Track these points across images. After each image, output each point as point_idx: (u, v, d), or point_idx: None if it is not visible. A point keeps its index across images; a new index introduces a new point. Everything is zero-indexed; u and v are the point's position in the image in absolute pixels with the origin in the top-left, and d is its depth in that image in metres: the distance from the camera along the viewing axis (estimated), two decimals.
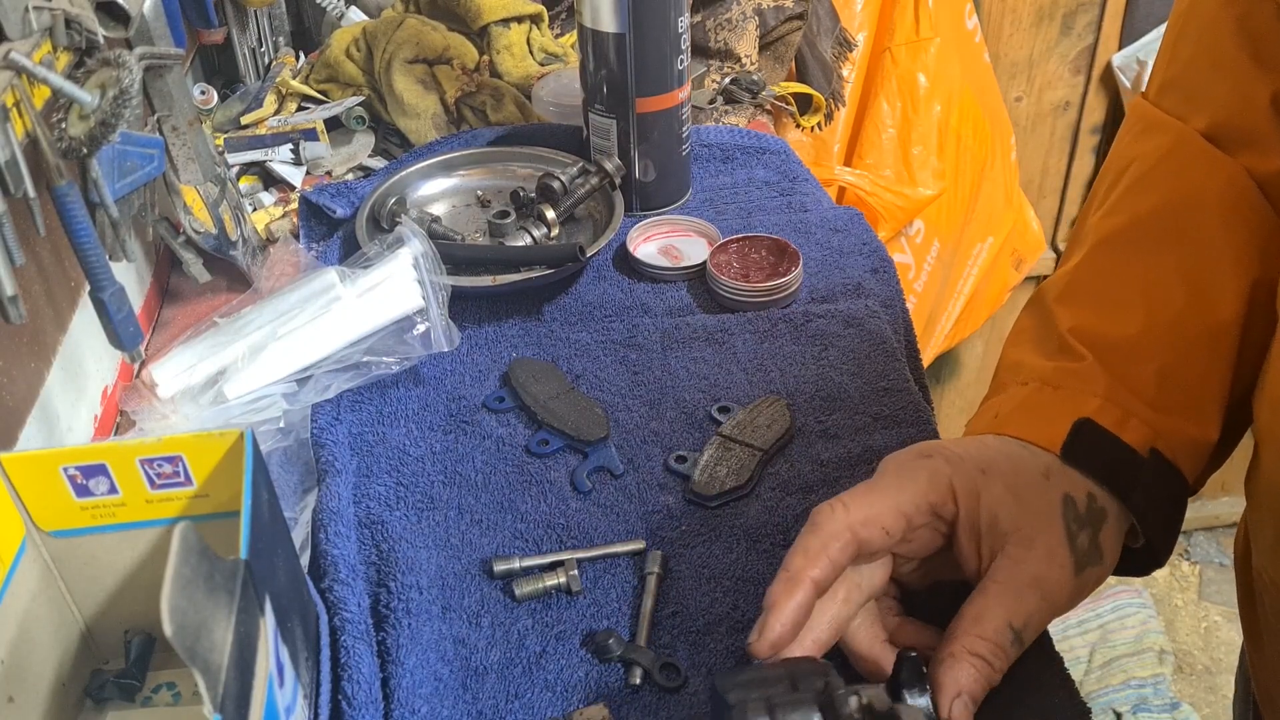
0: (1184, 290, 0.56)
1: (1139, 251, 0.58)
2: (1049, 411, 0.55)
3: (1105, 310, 0.58)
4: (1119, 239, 0.59)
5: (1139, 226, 0.59)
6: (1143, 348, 0.55)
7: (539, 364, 0.79)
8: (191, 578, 0.41)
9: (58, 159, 0.60)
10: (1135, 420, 0.54)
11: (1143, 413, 0.54)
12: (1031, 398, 0.56)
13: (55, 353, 0.74)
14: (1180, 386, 0.55)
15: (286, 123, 1.08)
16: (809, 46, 1.34)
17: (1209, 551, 2.40)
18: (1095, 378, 0.55)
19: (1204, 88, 0.60)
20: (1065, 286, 0.60)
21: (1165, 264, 0.57)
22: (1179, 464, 0.54)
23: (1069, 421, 0.53)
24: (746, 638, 0.59)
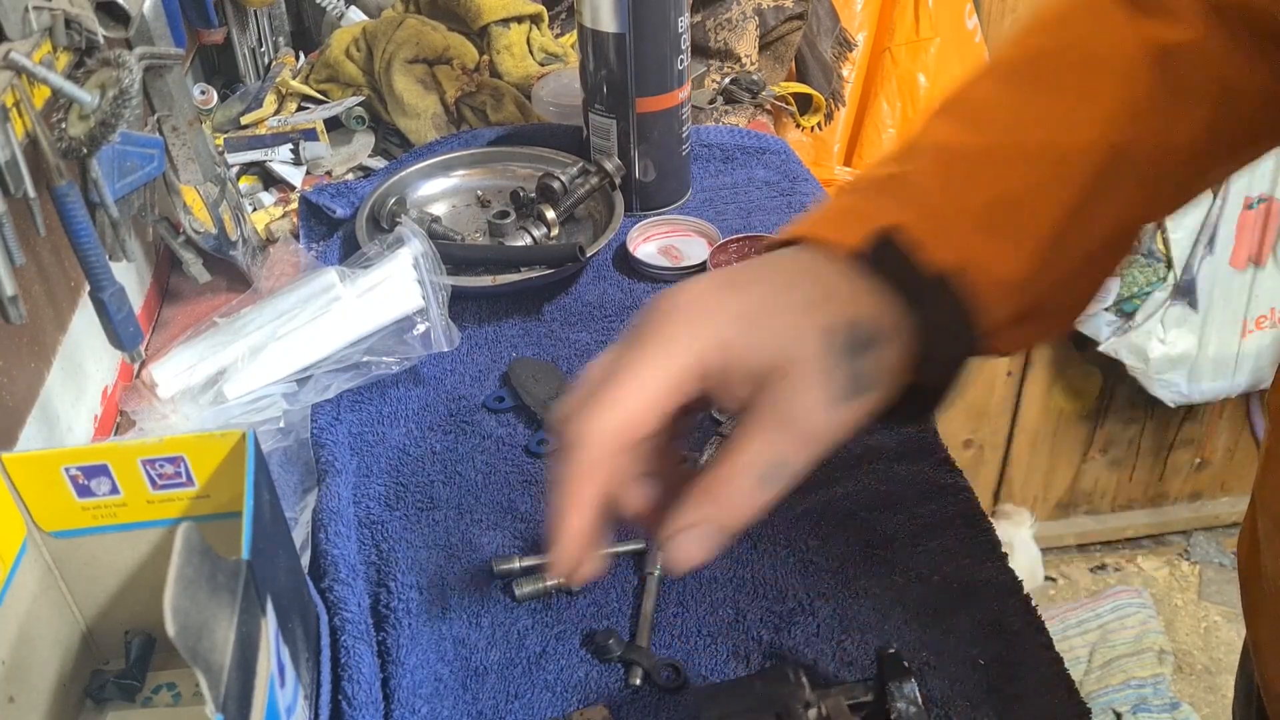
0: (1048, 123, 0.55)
1: (1020, 80, 0.58)
2: (860, 214, 0.52)
3: (967, 122, 0.56)
4: (1006, 66, 0.59)
5: (1028, 60, 0.58)
6: (987, 165, 0.54)
7: (539, 364, 0.79)
8: (194, 578, 0.41)
9: (58, 159, 0.60)
10: (941, 244, 0.51)
11: (955, 236, 0.51)
12: (851, 202, 0.54)
13: (55, 353, 0.74)
14: (1009, 214, 0.53)
15: (286, 123, 1.08)
16: (809, 46, 1.34)
17: (1209, 551, 2.41)
18: (922, 185, 0.53)
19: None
20: (945, 102, 0.59)
21: (1038, 97, 0.56)
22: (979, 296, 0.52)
23: (870, 227, 0.51)
24: (746, 637, 0.60)
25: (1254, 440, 2.30)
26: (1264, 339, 2.10)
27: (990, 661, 0.57)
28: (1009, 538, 2.18)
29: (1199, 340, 2.09)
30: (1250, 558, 0.64)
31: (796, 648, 0.59)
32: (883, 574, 0.63)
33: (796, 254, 0.52)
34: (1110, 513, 2.44)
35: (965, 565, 0.63)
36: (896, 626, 0.60)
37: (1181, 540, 2.45)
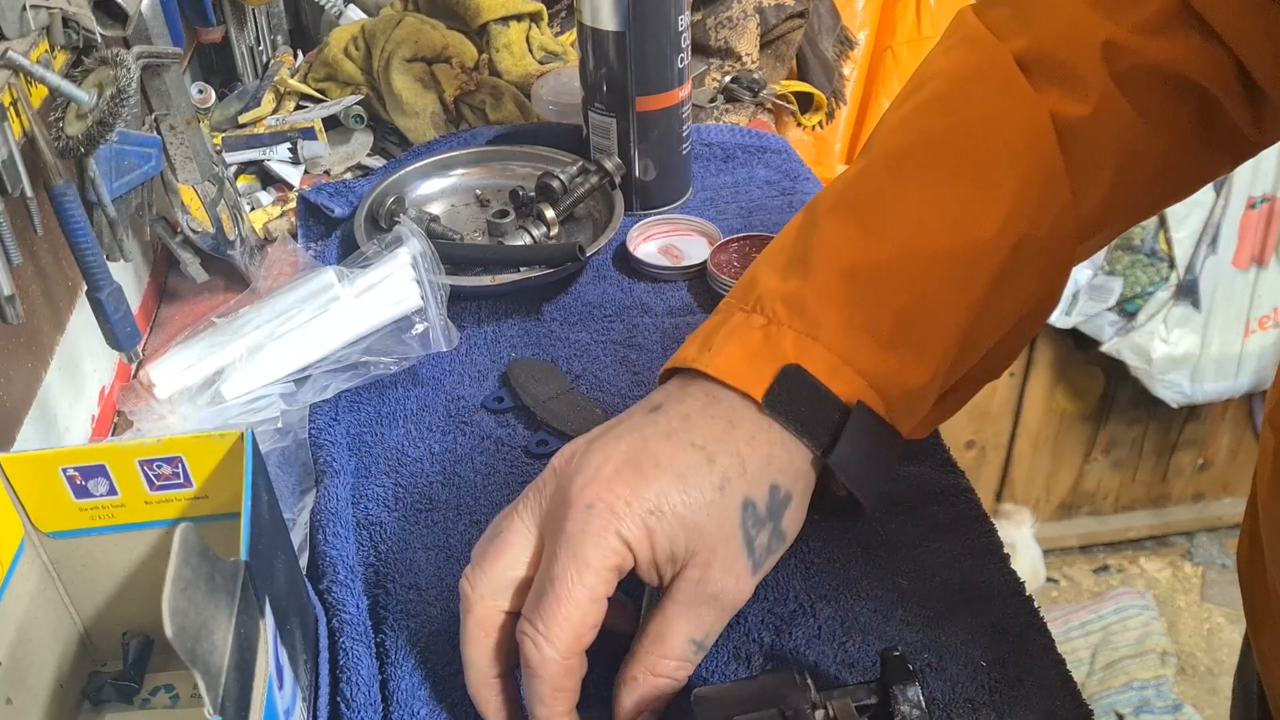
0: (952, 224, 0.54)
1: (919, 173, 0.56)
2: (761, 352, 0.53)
3: (869, 228, 0.55)
4: (903, 156, 0.57)
5: (926, 147, 0.56)
6: (892, 278, 0.53)
7: (538, 364, 0.79)
8: (192, 579, 0.41)
9: (55, 158, 0.60)
10: (849, 370, 0.52)
11: (862, 359, 0.52)
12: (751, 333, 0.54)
13: (52, 353, 0.74)
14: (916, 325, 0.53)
15: (284, 121, 1.08)
16: (810, 45, 1.34)
17: (1211, 553, 2.40)
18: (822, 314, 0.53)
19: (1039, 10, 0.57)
20: (838, 196, 0.57)
21: (941, 193, 0.55)
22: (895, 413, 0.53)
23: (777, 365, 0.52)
24: (746, 638, 0.59)
25: (1256, 441, 2.29)
26: (1267, 339, 2.10)
27: (993, 663, 0.57)
28: (1011, 539, 2.17)
29: (1201, 340, 2.08)
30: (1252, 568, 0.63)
31: (798, 649, 0.59)
32: (884, 575, 0.62)
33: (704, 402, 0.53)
34: (1113, 514, 2.44)
35: (967, 567, 0.62)
36: (898, 628, 0.59)
37: (1184, 541, 2.45)
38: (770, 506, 0.52)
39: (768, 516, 0.52)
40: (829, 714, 0.47)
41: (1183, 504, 2.42)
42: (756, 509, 0.51)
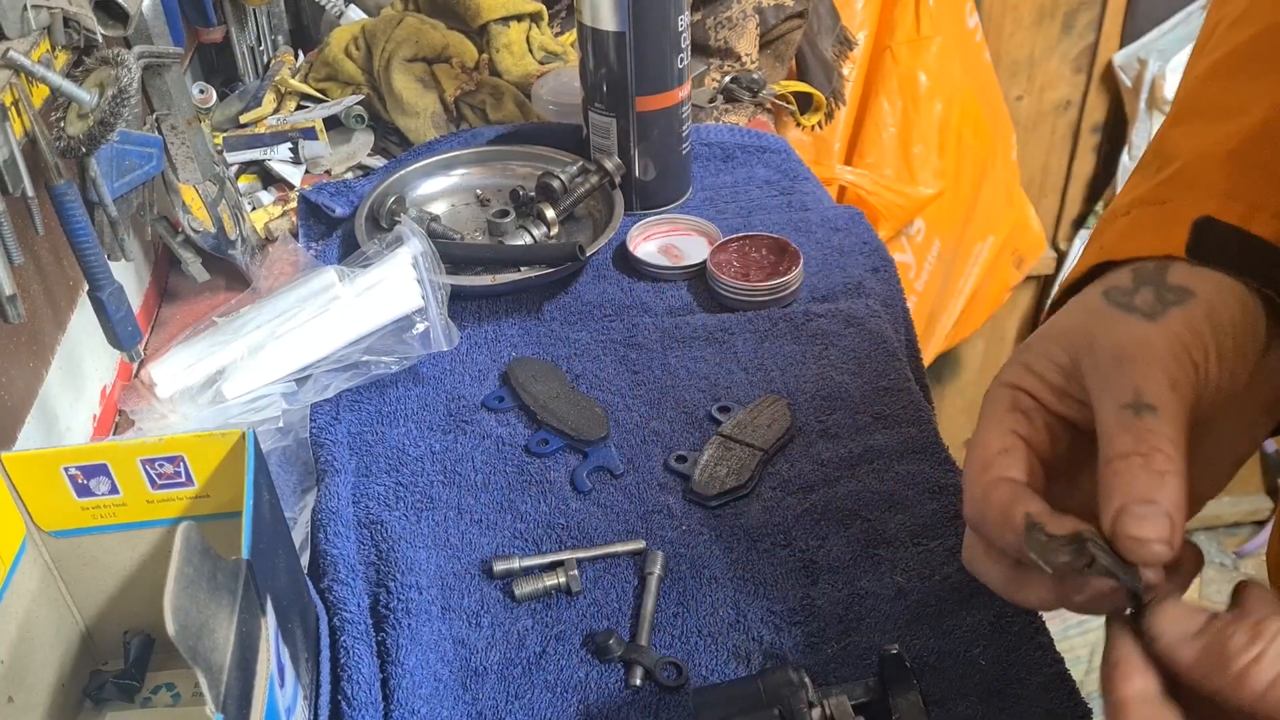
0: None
1: (1251, 67, 0.53)
2: (1158, 223, 0.49)
3: (1219, 114, 0.52)
4: (1225, 64, 0.55)
5: (1247, 50, 0.54)
6: (1269, 135, 0.50)
7: (538, 363, 0.79)
8: (194, 577, 0.41)
9: (56, 158, 0.60)
10: (1263, 214, 0.48)
11: (1273, 205, 0.48)
12: (1136, 220, 0.51)
13: (54, 352, 0.74)
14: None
15: (285, 121, 1.08)
16: (809, 45, 1.34)
17: (1210, 551, 2.40)
18: (1210, 178, 0.50)
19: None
20: (1173, 112, 0.55)
21: None
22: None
23: (1185, 226, 0.48)
24: (746, 637, 0.60)
25: None
26: None
27: (991, 662, 0.57)
28: None
29: None
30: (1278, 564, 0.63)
31: (797, 648, 0.59)
32: (884, 574, 0.63)
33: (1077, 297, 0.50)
34: None
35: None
36: (897, 627, 0.60)
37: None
38: (1138, 278, 0.47)
39: (1137, 284, 0.47)
40: (826, 712, 0.48)
41: None
42: (1119, 287, 0.47)
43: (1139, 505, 0.41)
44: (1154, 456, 0.42)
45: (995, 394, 0.49)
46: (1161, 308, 0.46)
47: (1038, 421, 0.48)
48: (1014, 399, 0.48)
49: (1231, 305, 0.47)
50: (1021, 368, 0.48)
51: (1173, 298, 0.46)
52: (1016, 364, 0.49)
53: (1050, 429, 0.48)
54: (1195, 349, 0.45)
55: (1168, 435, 0.42)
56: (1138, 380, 0.43)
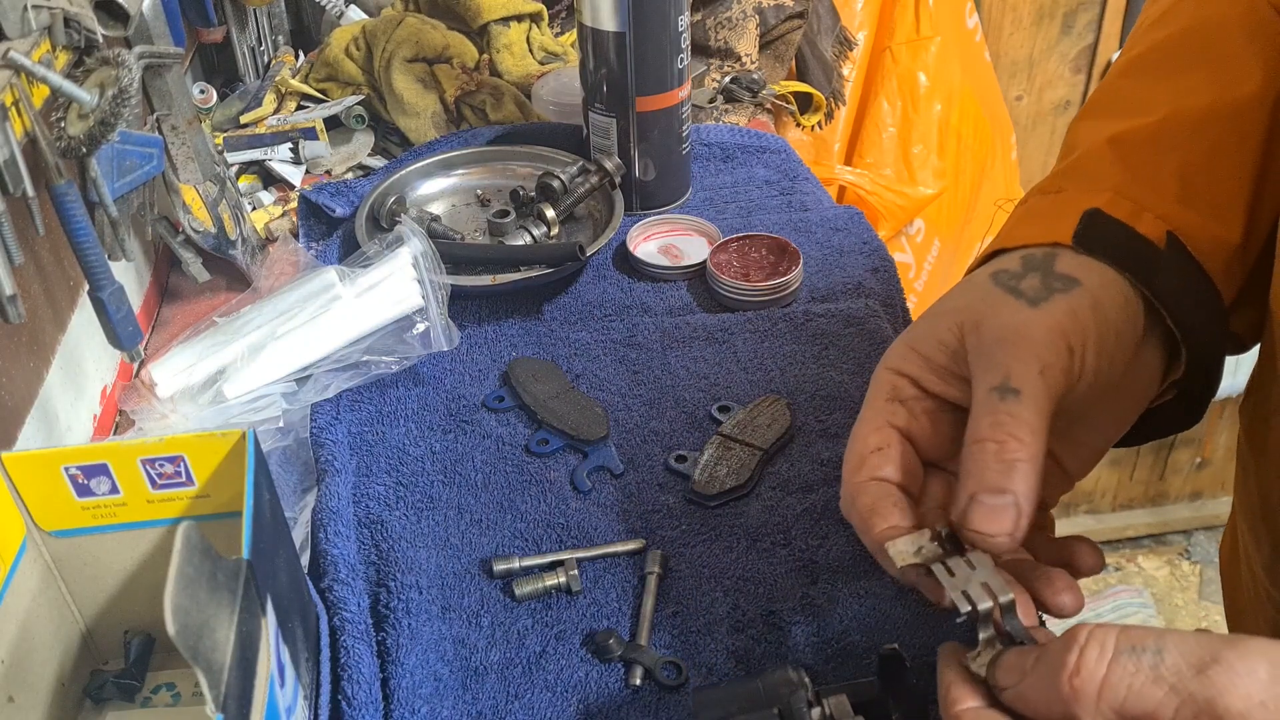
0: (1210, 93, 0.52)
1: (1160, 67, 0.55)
2: (1051, 212, 0.50)
3: (1124, 111, 0.54)
4: (1138, 62, 0.56)
5: (1160, 49, 0.56)
6: (1164, 138, 0.52)
7: (539, 363, 0.79)
8: (194, 577, 0.41)
9: (57, 158, 0.60)
10: (1149, 215, 0.49)
11: (1159, 207, 0.49)
12: (1032, 208, 0.52)
13: (54, 352, 0.74)
14: (1203, 182, 0.50)
15: (286, 121, 1.08)
16: (809, 45, 1.34)
17: (1209, 551, 2.40)
18: (1104, 173, 0.51)
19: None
20: (1083, 111, 0.57)
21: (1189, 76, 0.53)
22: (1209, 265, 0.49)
23: (1075, 216, 0.49)
24: (746, 637, 0.60)
25: None
26: None
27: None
28: None
29: None
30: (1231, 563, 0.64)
31: (797, 647, 0.59)
32: (883, 573, 0.63)
33: None
34: (1111, 512, 2.44)
35: None
36: (897, 626, 0.60)
37: (1182, 540, 2.45)
38: (1027, 264, 0.48)
39: (1025, 270, 0.48)
40: (826, 712, 0.48)
41: (1180, 502, 2.42)
42: (1008, 270, 0.48)
43: (987, 495, 0.42)
44: (1008, 444, 0.42)
45: (878, 379, 0.49)
46: (1046, 294, 0.46)
47: (917, 409, 0.49)
48: (894, 387, 0.49)
49: (1115, 297, 0.47)
50: (906, 348, 0.49)
51: (1059, 285, 0.47)
52: (901, 345, 0.49)
53: (932, 416, 0.49)
54: (1074, 335, 0.45)
55: (1026, 421, 0.43)
56: (1009, 363, 0.44)
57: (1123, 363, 0.48)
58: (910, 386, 0.49)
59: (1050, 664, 0.38)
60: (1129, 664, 0.36)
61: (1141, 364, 0.50)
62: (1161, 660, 0.36)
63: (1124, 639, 0.37)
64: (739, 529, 0.66)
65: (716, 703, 0.49)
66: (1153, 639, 0.36)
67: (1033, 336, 0.45)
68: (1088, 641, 0.37)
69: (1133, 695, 0.36)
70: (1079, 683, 0.37)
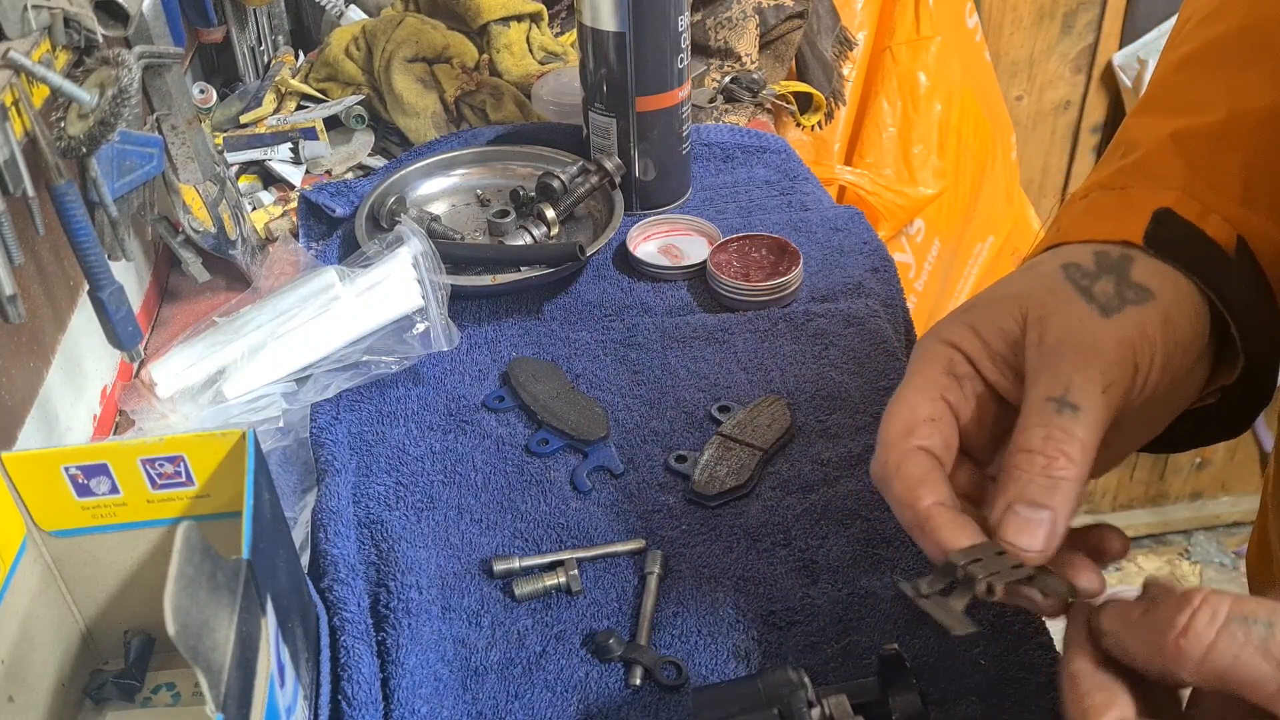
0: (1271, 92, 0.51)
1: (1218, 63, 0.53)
2: (1118, 209, 0.49)
3: (1184, 109, 0.52)
4: (1194, 57, 0.54)
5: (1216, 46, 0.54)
6: (1226, 137, 0.50)
7: (539, 363, 0.79)
8: (194, 577, 0.41)
9: (56, 158, 0.60)
10: (1216, 217, 0.48)
11: (1225, 208, 0.48)
12: (1095, 203, 0.51)
13: (54, 352, 0.74)
14: (1265, 183, 0.49)
15: (286, 121, 1.08)
16: (809, 45, 1.34)
17: (1209, 551, 2.40)
18: (1169, 171, 0.50)
19: None
20: (1138, 105, 0.55)
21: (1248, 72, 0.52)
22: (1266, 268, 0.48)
23: (1145, 214, 0.48)
24: (746, 637, 0.60)
25: (1255, 440, 2.29)
26: None
27: (991, 662, 0.57)
28: None
29: None
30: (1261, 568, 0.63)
31: (797, 647, 0.59)
32: (883, 573, 0.63)
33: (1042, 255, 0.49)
34: (1111, 512, 2.44)
35: None
36: (897, 626, 0.60)
37: (1182, 540, 2.45)
38: (1100, 263, 0.47)
39: (1100, 270, 0.46)
40: (826, 712, 0.48)
41: (1180, 502, 2.42)
42: (1081, 266, 0.46)
43: (1026, 508, 0.42)
44: (1058, 461, 0.42)
45: (933, 350, 0.47)
46: (1119, 304, 0.45)
47: (968, 390, 0.47)
48: (950, 361, 0.47)
49: (1187, 312, 0.46)
50: (966, 328, 0.47)
51: (1132, 295, 0.46)
52: (959, 323, 0.47)
53: (980, 400, 0.47)
54: (1142, 352, 0.45)
55: (1080, 440, 0.42)
56: (1072, 375, 0.43)
57: (1183, 375, 0.47)
58: (965, 364, 0.47)
59: (1159, 620, 0.38)
60: (1239, 633, 0.36)
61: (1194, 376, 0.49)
62: (1272, 635, 0.35)
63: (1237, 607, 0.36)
64: (739, 529, 0.66)
65: (716, 703, 0.49)
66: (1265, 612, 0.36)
67: (1102, 350, 0.43)
68: (1201, 605, 0.37)
69: (1238, 665, 0.36)
70: (1185, 644, 0.37)
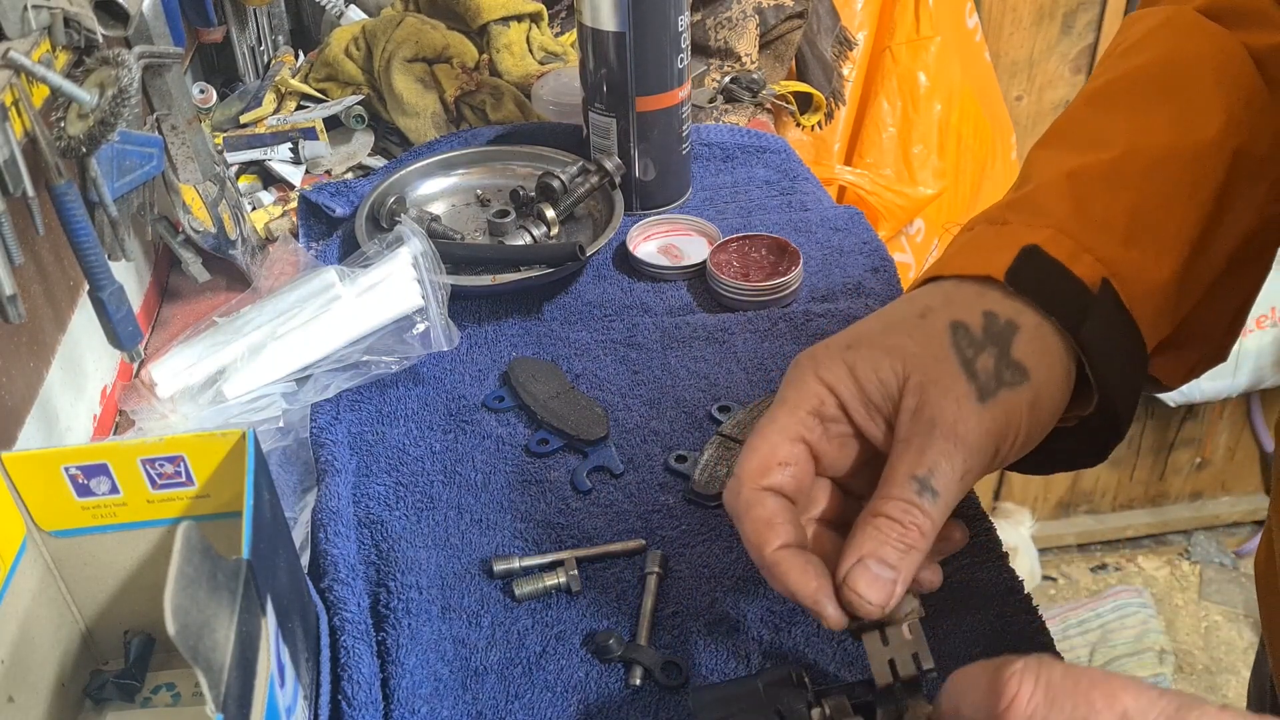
0: (1171, 133, 0.52)
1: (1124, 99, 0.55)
2: (992, 244, 0.50)
3: (1083, 144, 0.54)
4: (1103, 92, 0.56)
5: (1126, 79, 0.56)
6: (1120, 173, 0.52)
7: (539, 363, 0.79)
8: (194, 577, 0.41)
9: (56, 158, 0.60)
10: (1089, 256, 0.49)
11: (1101, 249, 0.50)
12: (977, 236, 0.52)
13: (54, 352, 0.74)
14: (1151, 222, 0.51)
15: (286, 121, 1.08)
16: (809, 45, 1.34)
17: (1209, 551, 2.41)
18: (1051, 207, 0.51)
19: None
20: (1044, 138, 0.57)
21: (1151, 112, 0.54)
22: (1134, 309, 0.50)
23: (1014, 250, 0.49)
24: (746, 637, 0.60)
25: (1255, 440, 2.29)
26: (1264, 338, 2.10)
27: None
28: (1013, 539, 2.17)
29: None
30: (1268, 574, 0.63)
31: (797, 648, 0.59)
32: None
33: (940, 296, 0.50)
34: (1111, 512, 2.44)
35: (966, 565, 0.63)
36: None
37: (1182, 540, 2.45)
38: (989, 330, 0.48)
39: (986, 339, 0.47)
40: (826, 712, 0.48)
41: (1180, 502, 2.42)
42: (969, 330, 0.48)
43: (877, 564, 0.44)
44: (911, 532, 0.45)
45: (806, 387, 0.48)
46: (995, 386, 0.47)
47: (832, 434, 0.49)
48: (820, 403, 0.48)
49: (1054, 392, 0.48)
50: (844, 369, 0.48)
51: (1009, 377, 0.47)
52: (839, 361, 0.48)
53: (842, 441, 0.49)
54: (1005, 439, 0.47)
55: (934, 519, 0.45)
56: (936, 461, 0.45)
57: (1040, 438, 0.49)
58: (836, 408, 0.48)
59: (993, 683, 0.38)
60: None
61: None
62: None
63: None
64: None
65: (716, 703, 0.49)
66: None
67: (968, 442, 0.46)
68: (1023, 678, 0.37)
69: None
70: None
